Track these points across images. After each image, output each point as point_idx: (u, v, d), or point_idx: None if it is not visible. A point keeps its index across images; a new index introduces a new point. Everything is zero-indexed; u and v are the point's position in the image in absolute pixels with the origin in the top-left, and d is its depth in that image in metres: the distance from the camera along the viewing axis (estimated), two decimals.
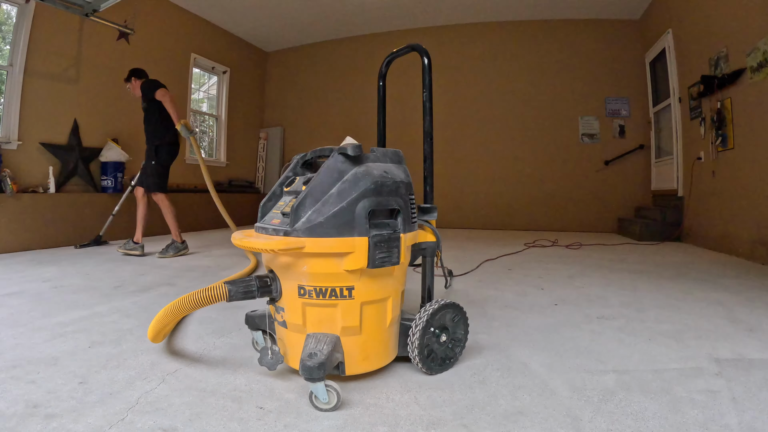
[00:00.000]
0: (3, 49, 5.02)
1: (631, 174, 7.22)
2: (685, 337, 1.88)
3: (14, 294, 2.62)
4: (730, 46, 4.58)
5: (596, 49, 7.46)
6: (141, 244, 4.30)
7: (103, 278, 3.14)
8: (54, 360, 1.59)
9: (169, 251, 4.22)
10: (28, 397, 1.30)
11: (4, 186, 4.47)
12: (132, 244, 4.27)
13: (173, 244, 4.28)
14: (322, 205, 1.26)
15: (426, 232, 1.55)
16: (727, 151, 4.70)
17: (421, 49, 1.66)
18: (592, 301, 2.54)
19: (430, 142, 1.61)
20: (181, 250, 4.30)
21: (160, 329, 1.53)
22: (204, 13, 7.56)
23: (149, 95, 4.20)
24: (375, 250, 1.27)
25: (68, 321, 2.08)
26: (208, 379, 1.44)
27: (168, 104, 4.12)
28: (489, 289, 2.85)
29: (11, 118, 4.82)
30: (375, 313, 1.36)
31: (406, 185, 1.40)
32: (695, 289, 2.83)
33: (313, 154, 1.46)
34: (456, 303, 1.51)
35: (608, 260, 4.08)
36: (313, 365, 1.18)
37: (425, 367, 1.44)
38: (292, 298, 1.33)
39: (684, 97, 5.74)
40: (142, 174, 4.35)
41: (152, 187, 4.28)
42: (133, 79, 4.45)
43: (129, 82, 4.48)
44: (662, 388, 1.39)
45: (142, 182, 4.34)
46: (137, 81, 4.43)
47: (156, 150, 4.28)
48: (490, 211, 7.87)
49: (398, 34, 8.35)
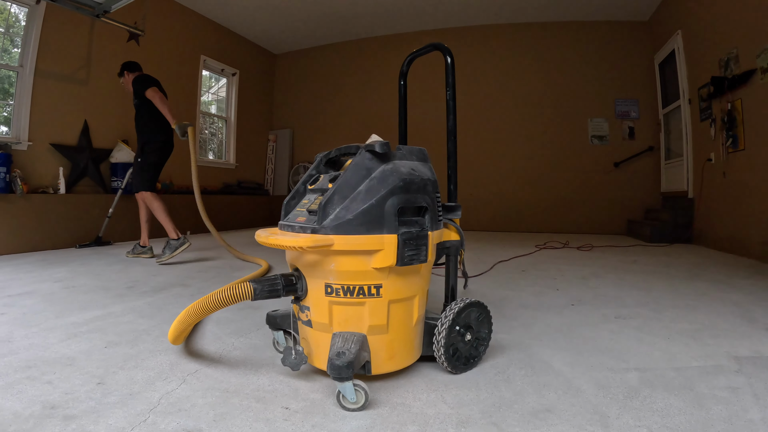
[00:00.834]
0: (12, 52, 5.04)
1: (641, 176, 7.19)
2: (703, 336, 1.88)
3: (26, 294, 2.62)
4: (740, 47, 4.56)
5: (605, 51, 7.45)
6: (148, 247, 4.22)
7: (115, 279, 3.14)
8: (70, 360, 1.58)
9: (166, 252, 3.89)
10: (45, 398, 1.28)
11: (15, 186, 4.49)
12: (139, 248, 4.20)
13: (168, 244, 3.94)
14: (350, 202, 1.25)
15: (450, 231, 1.54)
16: (738, 152, 4.68)
17: (444, 48, 1.66)
18: (608, 301, 2.53)
19: (454, 141, 1.61)
20: (178, 246, 3.87)
21: (183, 330, 1.51)
22: (213, 16, 7.59)
23: (140, 92, 4.03)
24: (404, 248, 1.26)
25: (82, 321, 2.07)
26: (230, 380, 1.43)
27: (158, 104, 3.95)
28: (505, 290, 2.84)
29: (22, 118, 4.84)
30: (402, 312, 1.35)
31: (433, 183, 1.40)
32: (710, 290, 2.82)
33: (337, 151, 1.46)
34: (480, 302, 1.50)
35: (620, 261, 4.07)
36: (341, 364, 1.17)
37: (450, 366, 1.43)
38: (318, 296, 1.32)
39: (694, 99, 5.72)
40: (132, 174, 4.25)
41: (138, 186, 4.11)
42: (126, 73, 4.28)
43: (122, 76, 4.32)
44: (685, 385, 1.39)
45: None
46: (130, 75, 4.25)
47: (143, 148, 4.12)
48: (500, 213, 7.86)
49: (407, 37, 8.36)
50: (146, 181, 4.10)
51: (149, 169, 4.12)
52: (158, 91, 4.00)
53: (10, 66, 4.88)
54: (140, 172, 4.12)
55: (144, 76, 4.16)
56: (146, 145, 4.12)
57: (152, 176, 4.14)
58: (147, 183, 4.10)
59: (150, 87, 3.99)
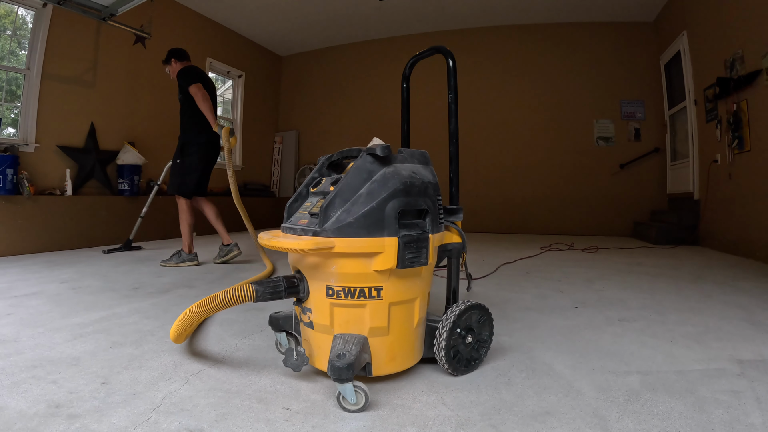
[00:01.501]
0: (19, 54, 5.09)
1: (647, 177, 7.17)
2: (707, 339, 1.87)
3: (33, 295, 2.65)
4: (746, 47, 4.54)
5: (611, 52, 7.43)
6: (193, 254, 3.90)
7: (121, 280, 3.16)
8: (75, 360, 1.60)
9: (172, 260, 3.82)
10: (49, 397, 1.29)
11: (22, 188, 4.52)
12: (224, 248, 3.95)
13: (179, 253, 3.84)
14: (351, 205, 1.26)
15: (452, 233, 1.54)
16: (744, 154, 4.65)
17: (445, 51, 1.66)
18: (611, 303, 2.52)
19: (456, 144, 1.61)
20: (186, 260, 3.81)
21: (184, 329, 1.52)
22: (219, 18, 7.63)
23: (184, 86, 3.75)
24: (404, 251, 1.27)
25: (88, 322, 2.09)
26: (232, 380, 1.44)
27: (199, 102, 3.67)
28: (508, 292, 2.84)
29: (29, 120, 4.89)
30: (403, 314, 1.36)
31: (434, 186, 1.40)
32: (714, 292, 2.81)
33: (339, 155, 1.47)
34: (482, 304, 1.50)
35: (625, 263, 4.05)
36: (342, 366, 1.17)
37: (451, 368, 1.44)
38: (319, 298, 1.33)
39: (699, 100, 5.70)
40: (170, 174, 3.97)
41: (172, 188, 3.88)
42: (173, 61, 3.97)
43: (168, 64, 4.01)
44: (686, 388, 1.38)
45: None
46: (177, 64, 3.95)
47: (182, 148, 3.87)
48: (506, 214, 7.86)
49: (413, 38, 8.38)
50: (182, 184, 3.83)
51: (187, 172, 3.84)
52: (202, 88, 3.69)
53: (18, 69, 4.93)
54: (177, 174, 3.86)
55: (189, 69, 3.85)
56: (186, 146, 3.87)
57: (189, 180, 3.85)
58: (183, 187, 3.84)
59: (194, 83, 3.70)
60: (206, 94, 3.71)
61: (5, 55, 5.02)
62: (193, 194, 3.92)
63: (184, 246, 3.86)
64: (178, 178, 3.85)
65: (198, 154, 3.86)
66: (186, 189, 3.85)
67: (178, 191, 3.85)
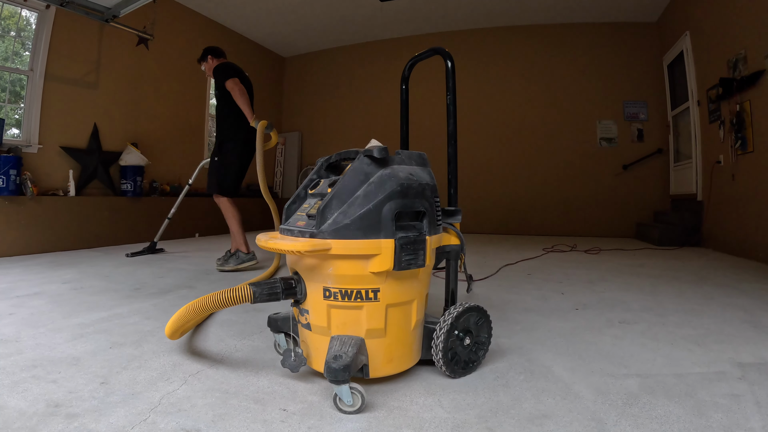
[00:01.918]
0: (23, 55, 5.11)
1: (650, 178, 7.15)
2: (708, 342, 1.86)
3: (34, 295, 2.66)
4: (749, 47, 4.52)
5: (614, 53, 7.40)
6: (251, 253, 3.76)
7: (123, 280, 3.17)
8: (75, 360, 1.61)
9: (230, 262, 3.67)
10: (49, 397, 1.31)
11: (25, 189, 4.55)
12: (243, 255, 3.71)
13: (236, 254, 3.69)
14: (348, 207, 1.26)
15: (450, 235, 1.54)
16: (747, 155, 4.63)
17: (444, 53, 1.66)
18: (613, 305, 2.51)
19: (455, 145, 1.61)
20: (245, 261, 3.64)
21: (180, 326, 1.52)
22: (222, 20, 7.64)
23: (220, 82, 3.67)
24: (401, 252, 1.27)
25: (89, 322, 2.10)
26: (230, 381, 1.44)
27: (236, 98, 3.56)
28: (509, 294, 2.83)
29: (32, 121, 4.91)
30: (400, 316, 1.36)
31: (432, 188, 1.40)
32: (716, 294, 2.79)
33: (337, 156, 1.47)
34: (480, 306, 1.50)
35: (628, 265, 4.04)
36: (338, 367, 1.17)
37: (449, 371, 1.44)
38: (317, 300, 1.33)
39: (703, 100, 5.67)
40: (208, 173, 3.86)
41: (212, 188, 3.77)
42: (210, 58, 3.93)
43: (204, 61, 3.96)
44: (686, 392, 1.38)
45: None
46: (214, 60, 3.92)
47: (221, 146, 3.77)
48: (508, 216, 7.84)
49: (415, 39, 8.37)
50: (222, 183, 3.74)
51: (226, 170, 3.74)
52: (238, 83, 3.58)
53: (21, 70, 4.95)
54: (215, 172, 3.76)
55: (225, 65, 3.78)
56: (224, 143, 3.77)
57: (229, 179, 3.75)
58: (222, 186, 3.74)
59: (230, 78, 3.60)
60: (243, 89, 3.60)
61: (9, 56, 5.04)
62: (234, 194, 3.80)
63: (239, 245, 3.73)
64: (217, 177, 3.75)
65: (237, 153, 3.76)
66: (225, 187, 3.75)
67: (218, 190, 3.75)
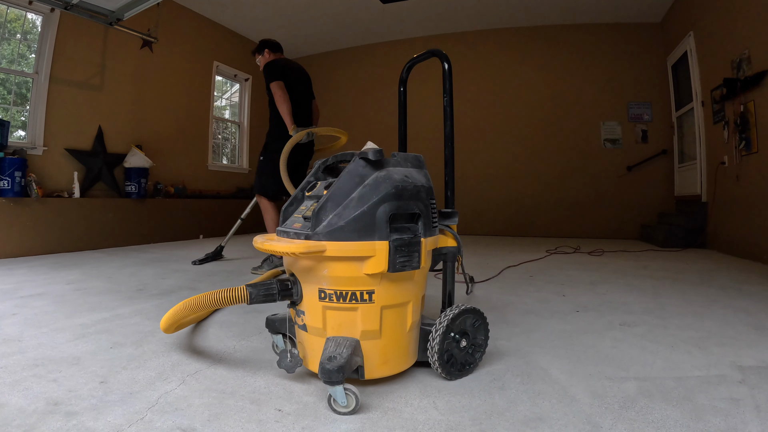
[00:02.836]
0: (29, 58, 5.15)
1: (654, 179, 7.10)
2: (708, 345, 1.84)
3: (38, 295, 2.68)
4: (752, 47, 4.49)
5: (618, 54, 7.37)
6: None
7: (126, 281, 3.19)
8: (76, 360, 1.63)
9: (264, 266, 3.64)
10: (49, 395, 1.33)
11: (30, 190, 4.58)
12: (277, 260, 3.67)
13: (270, 259, 3.65)
14: (343, 209, 1.27)
15: (447, 237, 1.54)
16: (751, 155, 4.60)
17: (441, 55, 1.67)
18: (614, 307, 2.50)
19: (451, 147, 1.61)
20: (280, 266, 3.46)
21: (175, 321, 1.54)
22: (226, 22, 7.67)
23: (267, 82, 3.59)
24: (395, 254, 1.27)
25: (90, 322, 2.12)
26: (227, 381, 1.46)
27: (277, 102, 3.50)
28: (510, 296, 2.83)
29: (37, 124, 4.94)
30: (395, 317, 1.36)
31: (427, 189, 1.40)
32: (719, 296, 2.78)
33: (334, 158, 1.48)
34: (476, 308, 1.50)
35: (631, 267, 4.02)
36: (332, 368, 1.18)
37: (445, 372, 1.44)
38: (312, 301, 1.34)
39: (707, 101, 5.65)
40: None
41: (256, 188, 3.77)
42: (266, 52, 3.88)
43: (261, 54, 3.91)
44: (684, 395, 1.36)
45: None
46: (270, 54, 3.87)
47: (266, 147, 3.76)
48: (511, 217, 7.81)
49: (419, 41, 8.37)
50: (264, 185, 3.72)
51: (268, 171, 3.69)
52: (282, 87, 3.51)
53: (26, 73, 4.99)
54: (260, 173, 3.76)
55: (273, 64, 3.67)
56: (269, 144, 3.76)
57: (270, 180, 3.67)
58: (265, 187, 3.72)
59: (274, 80, 3.53)
60: (285, 94, 3.53)
61: (15, 58, 5.09)
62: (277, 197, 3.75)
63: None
64: (260, 178, 3.75)
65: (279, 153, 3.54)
66: (267, 189, 3.71)
67: (260, 191, 3.74)
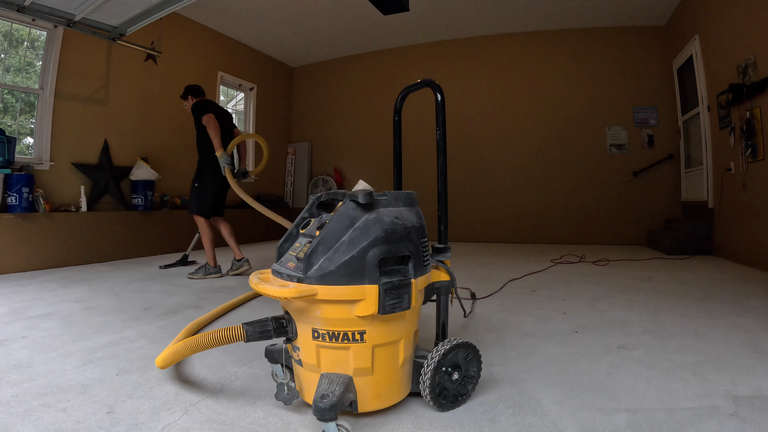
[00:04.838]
0: (37, 66, 5.23)
1: (661, 185, 7.07)
2: (705, 370, 1.84)
3: (47, 315, 2.76)
4: (758, 53, 4.46)
5: (623, 58, 7.34)
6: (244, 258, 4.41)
7: (132, 299, 3.25)
8: (84, 388, 1.68)
9: (199, 272, 4.24)
10: (58, 426, 1.38)
11: (37, 205, 4.67)
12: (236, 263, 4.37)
13: (205, 267, 4.28)
14: (333, 253, 1.29)
15: (440, 272, 1.56)
16: (758, 162, 4.57)
17: (434, 86, 1.68)
18: (614, 327, 2.50)
19: (444, 182, 1.62)
20: (212, 273, 4.26)
21: (173, 361, 1.59)
22: (229, 32, 7.73)
23: (197, 117, 4.20)
24: (385, 297, 1.30)
25: (97, 346, 2.18)
26: (227, 412, 1.50)
27: (210, 131, 4.10)
28: (510, 314, 2.84)
29: (43, 139, 5.03)
30: (387, 355, 1.39)
31: (418, 229, 1.42)
32: (722, 313, 2.76)
33: (327, 196, 1.50)
34: (469, 342, 1.52)
35: (635, 279, 4.01)
36: (324, 407, 1.21)
37: (437, 405, 1.46)
38: (306, 339, 1.37)
39: (713, 106, 5.60)
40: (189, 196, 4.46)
41: (192, 209, 4.32)
42: (190, 98, 4.45)
43: (185, 99, 4.48)
44: (674, 429, 1.37)
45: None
46: (192, 99, 4.43)
47: (200, 173, 4.31)
48: (517, 224, 7.81)
49: (423, 47, 8.40)
50: (201, 206, 4.26)
51: (204, 194, 4.28)
52: (213, 118, 4.11)
53: (31, 89, 5.07)
54: (196, 196, 4.30)
55: (200, 103, 4.29)
56: (202, 170, 4.31)
57: (206, 201, 4.27)
58: (201, 208, 4.26)
59: (206, 114, 4.13)
60: (216, 123, 4.11)
61: (22, 66, 5.16)
62: (212, 214, 4.37)
63: (209, 260, 4.32)
64: (196, 200, 4.29)
65: (214, 178, 4.27)
66: (204, 209, 4.28)
67: (197, 211, 4.29)
